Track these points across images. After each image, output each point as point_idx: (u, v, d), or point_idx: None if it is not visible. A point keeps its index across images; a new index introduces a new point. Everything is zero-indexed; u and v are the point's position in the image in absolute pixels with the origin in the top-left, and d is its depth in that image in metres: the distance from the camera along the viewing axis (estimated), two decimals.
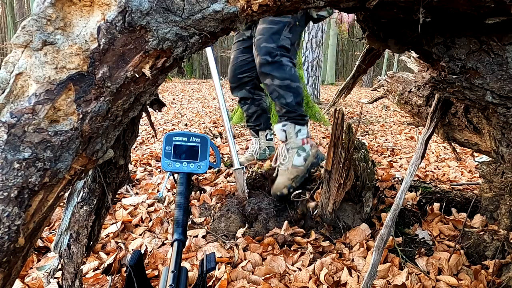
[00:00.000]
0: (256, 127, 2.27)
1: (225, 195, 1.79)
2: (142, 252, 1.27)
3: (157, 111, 0.79)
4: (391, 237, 1.32)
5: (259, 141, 2.30)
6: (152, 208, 1.65)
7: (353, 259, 1.27)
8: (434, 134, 1.20)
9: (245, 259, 1.26)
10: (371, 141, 3.53)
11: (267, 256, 1.27)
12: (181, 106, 6.03)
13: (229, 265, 1.21)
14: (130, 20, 0.54)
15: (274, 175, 1.69)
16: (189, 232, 1.44)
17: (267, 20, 1.76)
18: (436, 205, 1.61)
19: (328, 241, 1.39)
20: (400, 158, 2.75)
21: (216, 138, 3.35)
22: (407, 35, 0.84)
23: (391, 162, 2.58)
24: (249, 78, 2.10)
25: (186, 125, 4.19)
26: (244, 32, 2.04)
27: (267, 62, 1.71)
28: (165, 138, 0.86)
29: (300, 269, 1.20)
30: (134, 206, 1.66)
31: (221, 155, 2.65)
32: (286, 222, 1.43)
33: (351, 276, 1.16)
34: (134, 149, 2.83)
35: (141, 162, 2.43)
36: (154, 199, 1.75)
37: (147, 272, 1.17)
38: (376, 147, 3.18)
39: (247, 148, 2.74)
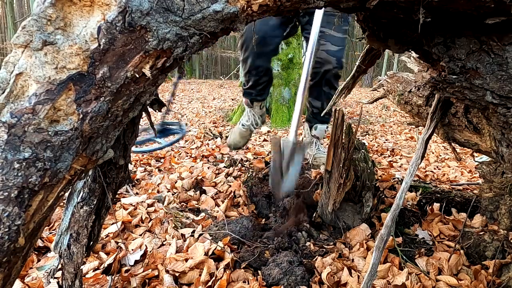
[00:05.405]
0: (258, 96, 2.20)
1: (230, 196, 1.79)
2: (142, 252, 1.27)
3: (157, 111, 0.79)
4: (391, 237, 1.32)
5: (254, 110, 2.25)
6: (152, 208, 1.65)
7: (353, 259, 1.27)
8: (434, 134, 1.20)
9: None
10: (371, 141, 3.53)
11: None
12: (181, 106, 6.03)
13: (229, 266, 1.21)
14: (130, 20, 0.54)
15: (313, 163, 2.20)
16: (188, 230, 1.44)
17: (341, 27, 1.96)
18: (436, 205, 1.61)
19: (328, 241, 1.39)
20: (400, 158, 2.75)
21: (216, 138, 3.35)
22: (407, 35, 0.84)
23: (391, 162, 2.59)
24: (275, 46, 2.01)
25: (186, 125, 4.19)
26: None
27: (338, 75, 2.05)
28: None
29: None
30: (134, 206, 1.66)
31: (221, 154, 2.66)
32: None
33: (351, 276, 1.16)
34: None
35: (141, 162, 2.43)
36: (154, 199, 1.75)
37: (147, 272, 1.17)
38: (376, 147, 3.18)
39: None
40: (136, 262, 1.23)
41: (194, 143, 3.14)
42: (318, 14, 1.65)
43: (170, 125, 2.21)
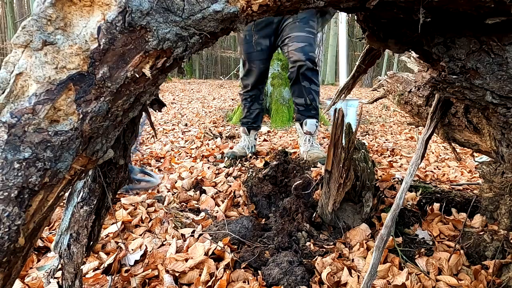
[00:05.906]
0: (253, 124, 2.53)
1: (229, 196, 1.79)
2: (142, 252, 1.27)
3: (157, 111, 0.79)
4: (391, 237, 1.32)
5: (249, 138, 2.56)
6: (152, 208, 1.65)
7: (353, 259, 1.27)
8: (434, 134, 1.20)
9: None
10: (371, 141, 3.53)
11: None
12: (181, 106, 6.03)
13: (229, 266, 1.21)
14: (130, 20, 0.54)
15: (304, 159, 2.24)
16: (188, 230, 1.44)
17: (303, 28, 2.16)
18: (436, 205, 1.61)
19: (328, 241, 1.39)
20: (400, 158, 2.75)
21: (216, 138, 3.35)
22: (407, 35, 0.84)
23: (391, 162, 2.58)
24: (265, 76, 2.47)
25: (186, 125, 4.19)
26: (261, 42, 2.28)
27: (312, 68, 2.17)
28: None
29: None
30: (134, 206, 1.66)
31: (221, 155, 2.65)
32: None
33: (351, 276, 1.16)
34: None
35: (141, 162, 2.43)
36: (154, 199, 1.75)
37: (147, 272, 1.17)
38: (376, 147, 3.18)
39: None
40: (136, 262, 1.23)
41: (194, 143, 3.14)
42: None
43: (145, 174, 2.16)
